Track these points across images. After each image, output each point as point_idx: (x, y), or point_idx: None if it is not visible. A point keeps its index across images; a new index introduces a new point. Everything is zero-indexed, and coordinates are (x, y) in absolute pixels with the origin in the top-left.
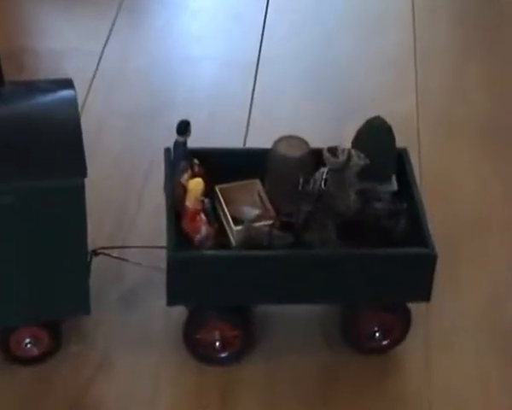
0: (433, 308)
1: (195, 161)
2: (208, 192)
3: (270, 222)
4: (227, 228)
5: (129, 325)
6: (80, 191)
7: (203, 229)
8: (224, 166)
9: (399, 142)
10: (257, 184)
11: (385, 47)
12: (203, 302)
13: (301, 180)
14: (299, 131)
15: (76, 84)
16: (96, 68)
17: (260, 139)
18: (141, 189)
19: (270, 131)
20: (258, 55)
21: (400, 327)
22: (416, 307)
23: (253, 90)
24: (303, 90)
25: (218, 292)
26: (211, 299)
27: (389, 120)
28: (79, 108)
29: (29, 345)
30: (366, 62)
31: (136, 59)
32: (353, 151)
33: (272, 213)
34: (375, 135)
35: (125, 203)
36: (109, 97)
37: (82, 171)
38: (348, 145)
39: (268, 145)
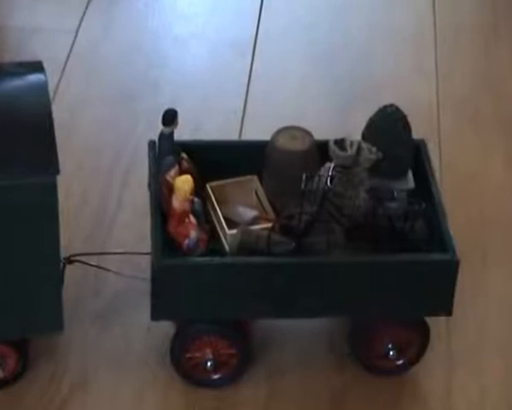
0: (456, 323)
1: (184, 155)
2: (198, 191)
3: (268, 225)
4: (220, 232)
5: (107, 343)
6: (52, 190)
7: (192, 233)
8: (216, 161)
9: (416, 133)
10: (254, 182)
11: (401, 23)
12: (192, 317)
13: (304, 177)
14: (301, 121)
15: (47, 67)
16: (70, 49)
17: (258, 130)
18: (121, 187)
19: (269, 121)
20: (256, 34)
21: (417, 344)
22: (435, 322)
23: (250, 73)
24: (306, 74)
25: (209, 305)
26: (201, 313)
27: (405, 108)
28: (51, 95)
29: None
30: (379, 42)
31: (115, 39)
32: (364, 144)
33: (271, 214)
34: (388, 125)
35: (104, 204)
36: (85, 82)
37: (53, 167)
38: (358, 137)
39: (266, 137)
